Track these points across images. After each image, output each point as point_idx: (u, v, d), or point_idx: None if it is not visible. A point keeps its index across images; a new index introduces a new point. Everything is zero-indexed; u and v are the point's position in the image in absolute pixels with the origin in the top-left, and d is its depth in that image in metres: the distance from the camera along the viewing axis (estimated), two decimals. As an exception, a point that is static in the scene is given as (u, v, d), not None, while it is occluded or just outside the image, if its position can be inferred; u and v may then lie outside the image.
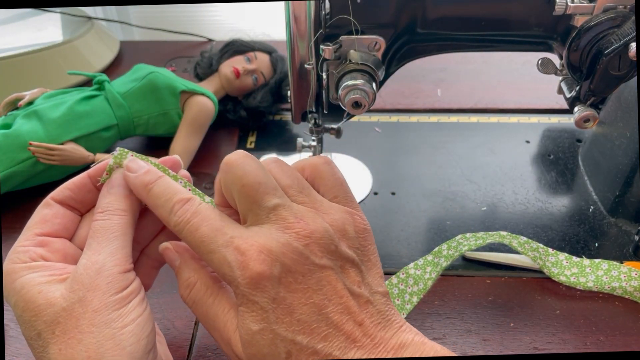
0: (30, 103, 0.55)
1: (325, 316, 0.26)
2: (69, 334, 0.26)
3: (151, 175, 0.30)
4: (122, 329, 0.26)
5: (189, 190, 0.32)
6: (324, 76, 0.42)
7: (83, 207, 0.32)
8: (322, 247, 0.27)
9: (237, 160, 0.28)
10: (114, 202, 0.30)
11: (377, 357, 0.26)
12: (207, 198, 0.33)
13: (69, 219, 0.31)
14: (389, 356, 0.26)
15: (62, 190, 0.32)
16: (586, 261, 0.44)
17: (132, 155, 0.32)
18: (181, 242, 0.31)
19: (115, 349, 0.26)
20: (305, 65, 0.42)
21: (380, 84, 0.42)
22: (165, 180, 0.30)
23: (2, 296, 0.34)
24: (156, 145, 0.61)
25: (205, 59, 0.65)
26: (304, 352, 0.25)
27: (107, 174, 0.32)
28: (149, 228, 0.34)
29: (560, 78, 0.45)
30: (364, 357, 0.25)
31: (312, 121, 0.49)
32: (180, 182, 0.33)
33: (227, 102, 0.64)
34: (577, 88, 0.42)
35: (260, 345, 0.26)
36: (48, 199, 0.32)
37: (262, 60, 0.63)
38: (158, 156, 0.34)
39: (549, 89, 0.69)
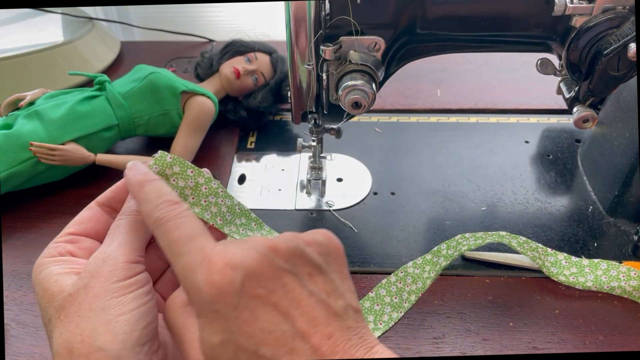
0: (31, 103, 0.56)
1: (291, 325, 0.25)
2: (70, 317, 0.27)
3: (148, 175, 0.31)
4: (117, 317, 0.26)
5: (222, 192, 0.34)
6: (324, 76, 0.42)
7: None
8: (287, 252, 0.26)
9: None
10: (134, 205, 0.31)
11: None
12: (236, 200, 0.35)
13: (103, 223, 0.33)
14: None
15: (104, 193, 0.33)
16: (585, 261, 0.45)
17: (170, 158, 0.33)
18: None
19: (108, 334, 0.26)
20: (305, 66, 0.42)
21: (380, 85, 0.42)
22: (160, 182, 0.31)
23: (2, 297, 0.35)
24: (157, 145, 0.61)
25: (205, 60, 0.65)
26: None
27: None
28: None
29: (560, 78, 0.45)
30: None
31: (312, 121, 0.49)
32: (214, 184, 0.34)
33: (228, 102, 0.64)
34: (576, 88, 0.42)
35: (221, 359, 0.25)
36: (92, 202, 0.33)
37: (262, 61, 0.64)
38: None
39: (548, 90, 0.68)
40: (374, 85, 0.40)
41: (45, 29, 0.77)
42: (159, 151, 0.34)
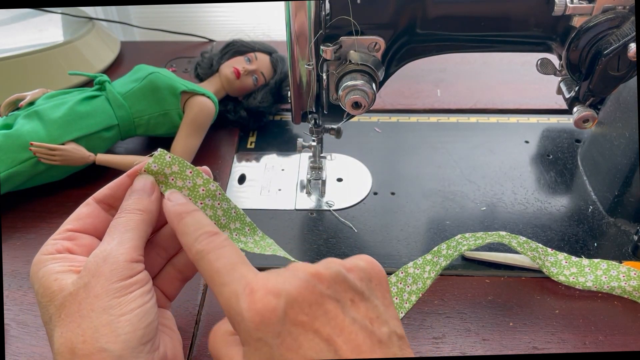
0: (31, 103, 0.56)
1: (334, 352, 0.24)
2: (71, 317, 0.27)
3: (187, 206, 0.32)
4: (119, 317, 0.27)
5: (219, 194, 0.35)
6: (324, 76, 0.42)
7: (119, 206, 0.34)
8: (329, 278, 0.26)
9: None
10: (132, 203, 0.32)
11: None
12: (233, 203, 0.36)
13: (102, 219, 0.33)
14: None
15: (102, 190, 0.34)
16: (585, 261, 0.45)
17: (169, 157, 0.34)
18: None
19: (110, 335, 0.26)
20: (306, 66, 0.42)
21: (380, 85, 0.42)
22: (199, 213, 0.31)
23: (2, 296, 0.35)
24: (157, 145, 0.61)
25: (205, 60, 0.65)
26: None
27: (145, 172, 0.33)
28: (177, 238, 0.35)
29: (560, 78, 0.45)
30: None
31: (312, 121, 0.49)
32: (212, 186, 0.34)
33: (228, 102, 0.64)
34: (576, 88, 0.42)
35: None
36: (89, 198, 0.33)
37: (262, 61, 0.64)
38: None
39: (548, 90, 0.69)
40: (374, 85, 0.40)
41: (45, 29, 0.77)
42: (159, 149, 0.34)
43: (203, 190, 0.35)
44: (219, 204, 0.35)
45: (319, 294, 0.25)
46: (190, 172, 0.34)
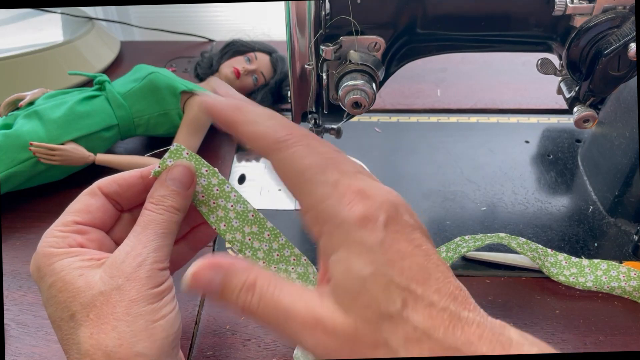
0: (31, 103, 0.56)
1: (428, 271, 0.23)
2: (103, 319, 0.27)
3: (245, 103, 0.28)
4: (154, 323, 0.27)
5: (234, 196, 0.34)
6: (324, 76, 0.42)
7: (125, 204, 0.33)
8: (407, 210, 0.26)
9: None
10: (169, 197, 0.30)
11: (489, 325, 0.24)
12: (251, 206, 0.35)
13: (110, 214, 0.32)
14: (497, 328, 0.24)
15: (110, 184, 0.32)
16: (585, 261, 0.44)
17: (187, 153, 0.33)
18: (205, 260, 0.25)
19: (147, 340, 0.26)
20: (306, 66, 0.42)
21: (380, 84, 0.42)
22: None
23: (2, 297, 0.34)
24: (156, 145, 0.61)
25: (205, 60, 0.65)
26: (420, 302, 0.22)
27: (159, 167, 0.32)
28: None
29: (560, 78, 0.45)
30: (477, 318, 0.23)
31: (312, 121, 0.49)
32: (227, 187, 0.34)
33: (228, 102, 0.64)
34: (577, 88, 0.42)
35: (373, 292, 0.22)
36: (95, 187, 0.32)
37: (262, 61, 0.63)
38: (159, 156, 0.35)
39: (549, 89, 0.69)
40: (374, 85, 0.40)
41: (45, 29, 0.77)
42: (175, 143, 0.33)
43: (217, 190, 0.34)
44: (232, 206, 0.34)
45: (405, 222, 0.26)
46: (206, 171, 0.33)
